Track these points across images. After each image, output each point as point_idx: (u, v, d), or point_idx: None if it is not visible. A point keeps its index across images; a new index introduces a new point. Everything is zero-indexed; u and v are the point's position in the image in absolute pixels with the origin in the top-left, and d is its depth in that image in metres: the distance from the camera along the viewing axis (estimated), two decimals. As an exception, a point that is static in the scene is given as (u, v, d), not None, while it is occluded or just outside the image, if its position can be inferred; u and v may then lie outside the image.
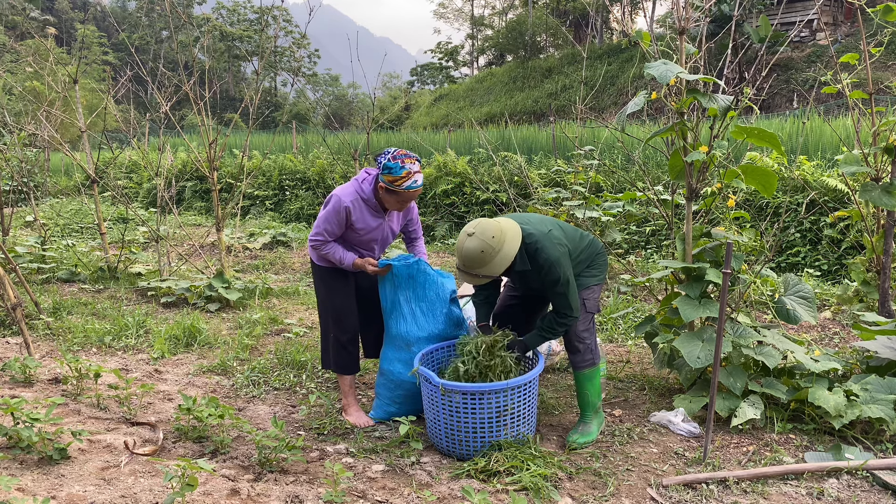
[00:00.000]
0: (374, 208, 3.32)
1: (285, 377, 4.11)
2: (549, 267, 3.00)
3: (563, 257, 3.04)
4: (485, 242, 2.92)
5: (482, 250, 2.92)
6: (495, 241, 2.92)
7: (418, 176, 3.19)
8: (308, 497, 2.52)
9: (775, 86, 22.95)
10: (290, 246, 9.01)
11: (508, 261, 2.95)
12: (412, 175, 3.16)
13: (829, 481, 2.79)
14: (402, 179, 3.14)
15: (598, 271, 3.33)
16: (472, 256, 2.93)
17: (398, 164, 3.13)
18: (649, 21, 36.34)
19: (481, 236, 2.93)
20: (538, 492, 2.65)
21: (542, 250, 3.00)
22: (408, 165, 3.14)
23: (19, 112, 14.24)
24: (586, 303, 3.26)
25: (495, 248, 2.92)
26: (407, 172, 3.14)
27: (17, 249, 7.00)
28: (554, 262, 2.99)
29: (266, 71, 43.11)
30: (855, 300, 5.11)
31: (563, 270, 3.02)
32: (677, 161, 3.53)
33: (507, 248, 2.95)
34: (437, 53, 53.43)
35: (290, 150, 15.07)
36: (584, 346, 3.24)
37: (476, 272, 2.97)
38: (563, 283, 3.03)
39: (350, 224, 3.31)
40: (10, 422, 2.90)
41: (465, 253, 2.95)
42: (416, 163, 3.18)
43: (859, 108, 4.77)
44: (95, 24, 54.42)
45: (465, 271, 3.00)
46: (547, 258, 3.00)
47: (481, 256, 2.92)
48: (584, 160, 7.16)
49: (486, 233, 2.93)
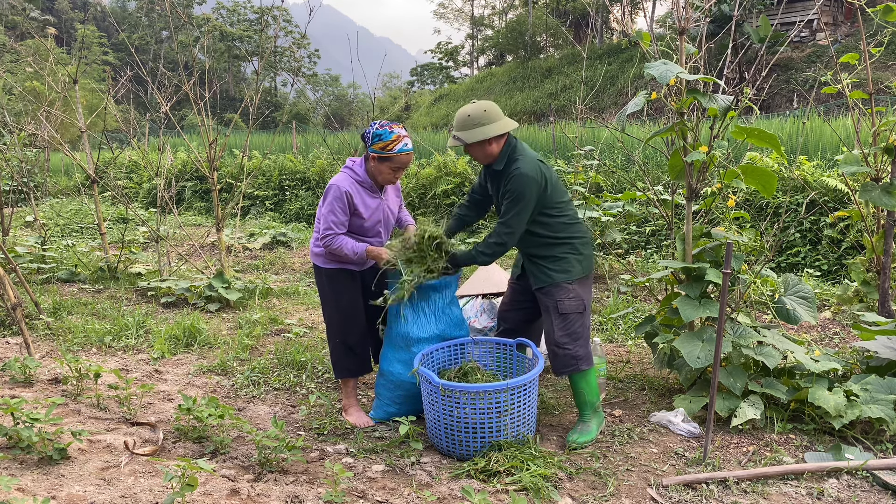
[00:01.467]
0: (370, 188, 3.33)
1: (285, 377, 4.11)
2: (515, 176, 3.07)
3: (533, 180, 3.07)
4: (475, 109, 3.11)
5: (469, 114, 3.11)
6: (485, 115, 3.09)
7: (407, 140, 3.24)
8: (308, 497, 2.52)
9: (775, 86, 22.95)
10: (290, 246, 9.01)
11: (483, 136, 3.07)
12: (402, 138, 3.21)
13: (829, 481, 2.79)
14: (393, 143, 3.19)
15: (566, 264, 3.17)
16: (461, 117, 3.14)
17: (387, 130, 3.19)
18: (649, 21, 36.35)
19: (478, 106, 3.12)
20: (538, 492, 2.65)
21: (521, 161, 3.11)
22: (396, 130, 3.20)
23: (19, 112, 14.23)
24: (558, 305, 3.14)
25: (481, 119, 3.09)
26: (397, 136, 3.19)
27: (17, 249, 7.01)
28: (523, 174, 3.06)
29: (266, 71, 43.12)
30: (855, 300, 5.11)
31: (525, 186, 3.05)
32: (677, 161, 3.53)
33: (491, 126, 3.09)
34: (437, 53, 53.43)
35: (290, 150, 15.07)
36: (562, 352, 3.16)
37: (456, 134, 3.14)
38: (518, 199, 3.05)
39: (354, 210, 3.28)
40: (10, 422, 2.90)
41: (458, 114, 3.16)
42: (401, 126, 3.25)
43: (859, 108, 4.77)
44: (95, 24, 54.41)
45: (453, 134, 3.18)
46: (518, 168, 3.08)
47: (467, 120, 3.11)
48: (584, 160, 7.16)
49: (482, 105, 3.12)
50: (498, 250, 3.16)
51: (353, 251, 3.28)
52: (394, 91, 59.47)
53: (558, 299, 3.16)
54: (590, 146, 7.70)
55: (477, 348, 3.52)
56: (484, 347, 3.55)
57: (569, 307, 3.16)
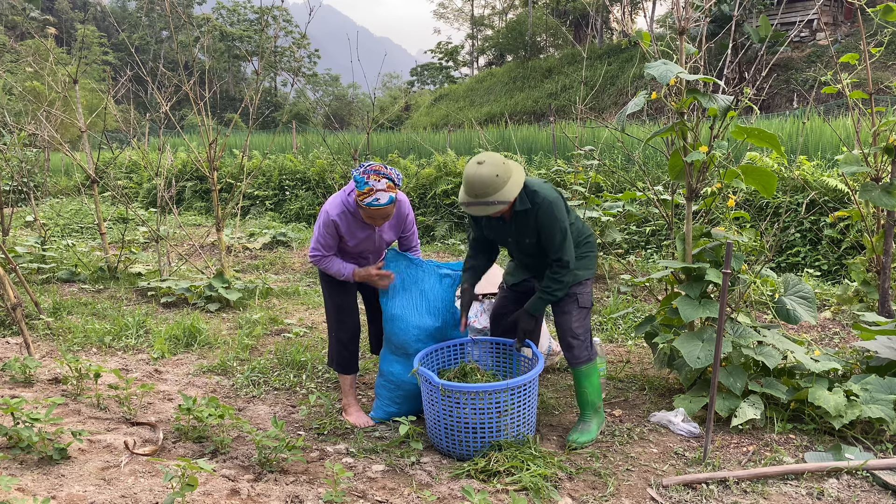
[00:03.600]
0: (361, 220, 3.31)
1: (285, 377, 4.11)
2: (546, 206, 3.05)
3: (559, 201, 3.10)
4: (497, 167, 2.97)
5: (497, 174, 2.95)
6: (506, 167, 2.99)
7: (381, 194, 3.08)
8: (308, 497, 2.52)
9: (775, 86, 22.95)
10: (290, 246, 9.01)
11: (518, 186, 3.00)
12: (374, 192, 3.07)
13: (829, 481, 2.79)
14: (364, 195, 3.08)
15: (588, 262, 3.33)
16: (487, 181, 2.94)
17: (363, 180, 3.07)
18: (649, 21, 36.35)
19: (492, 162, 2.98)
20: (538, 492, 2.65)
21: (540, 191, 3.09)
22: (371, 182, 3.06)
23: (19, 112, 14.24)
24: (579, 299, 3.27)
25: (507, 173, 2.98)
26: (369, 189, 3.06)
27: (17, 249, 7.00)
28: (552, 201, 3.06)
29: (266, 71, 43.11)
30: (855, 300, 5.11)
31: (557, 211, 3.06)
32: (677, 161, 3.53)
33: (516, 175, 3.01)
34: (437, 53, 53.42)
35: (290, 150, 15.07)
36: (577, 343, 3.24)
37: (492, 199, 2.96)
38: (557, 226, 3.06)
39: (340, 236, 3.32)
40: (10, 422, 2.90)
41: (479, 179, 2.94)
42: (382, 180, 3.08)
43: (859, 108, 4.77)
44: (95, 24, 54.42)
45: (479, 201, 2.98)
46: (545, 197, 3.06)
47: (496, 181, 2.94)
48: (584, 160, 7.16)
49: (495, 159, 3.00)
50: (568, 278, 3.16)
51: (339, 272, 3.36)
52: (394, 91, 59.44)
53: (579, 293, 3.27)
54: (590, 146, 7.70)
55: (477, 348, 3.52)
56: (484, 347, 3.55)
57: (586, 302, 3.29)
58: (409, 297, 3.43)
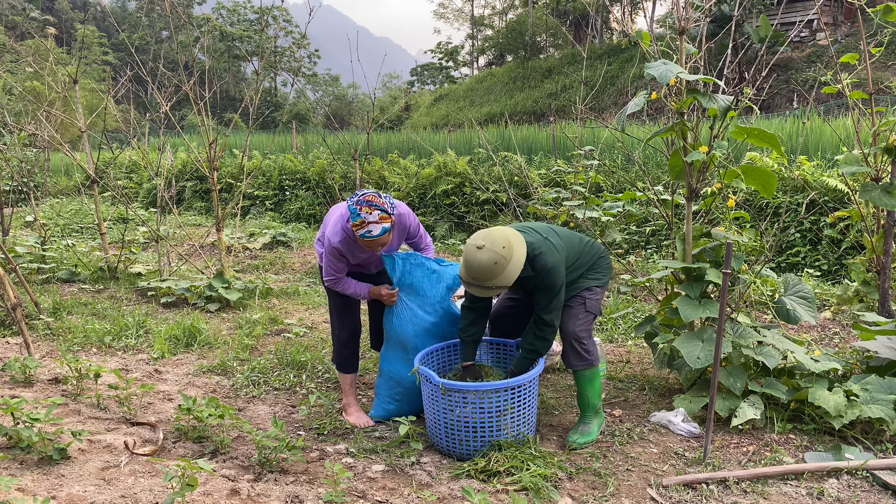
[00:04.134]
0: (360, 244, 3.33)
1: (285, 377, 4.11)
2: (545, 272, 3.05)
3: (559, 265, 3.08)
4: (497, 253, 2.91)
5: (495, 262, 2.91)
6: (506, 252, 2.93)
7: (374, 226, 3.06)
8: (308, 497, 2.52)
9: (775, 86, 22.94)
10: (290, 246, 9.01)
11: (518, 269, 2.96)
12: (366, 224, 3.06)
13: (829, 481, 2.79)
14: (357, 227, 3.08)
15: (601, 274, 3.35)
16: (486, 269, 2.91)
17: (356, 211, 3.06)
18: (649, 21, 36.35)
19: (492, 248, 2.92)
20: (538, 492, 2.65)
21: (542, 256, 3.05)
22: (363, 214, 3.04)
23: (19, 112, 14.24)
24: (587, 302, 3.26)
25: (507, 258, 2.93)
26: (361, 221, 3.06)
27: (17, 249, 7.00)
28: (552, 267, 3.05)
29: (266, 71, 43.11)
30: (855, 300, 5.10)
31: (557, 276, 3.06)
32: (677, 161, 3.53)
33: (517, 257, 2.97)
34: (437, 53, 53.41)
35: (290, 150, 15.07)
36: (581, 347, 3.22)
37: (489, 284, 2.96)
38: (554, 289, 3.07)
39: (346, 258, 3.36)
40: (10, 422, 2.90)
41: (478, 266, 2.92)
42: (374, 212, 3.05)
43: (859, 108, 4.77)
44: (95, 24, 54.42)
45: (477, 284, 2.98)
46: (544, 264, 3.04)
47: (494, 268, 2.91)
48: (584, 160, 7.16)
49: (496, 244, 2.93)
50: (551, 334, 3.17)
51: (357, 294, 3.45)
52: (394, 91, 59.43)
53: (587, 297, 3.28)
54: (590, 146, 7.69)
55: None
56: (483, 348, 3.55)
57: (592, 307, 3.29)
58: (405, 292, 3.45)
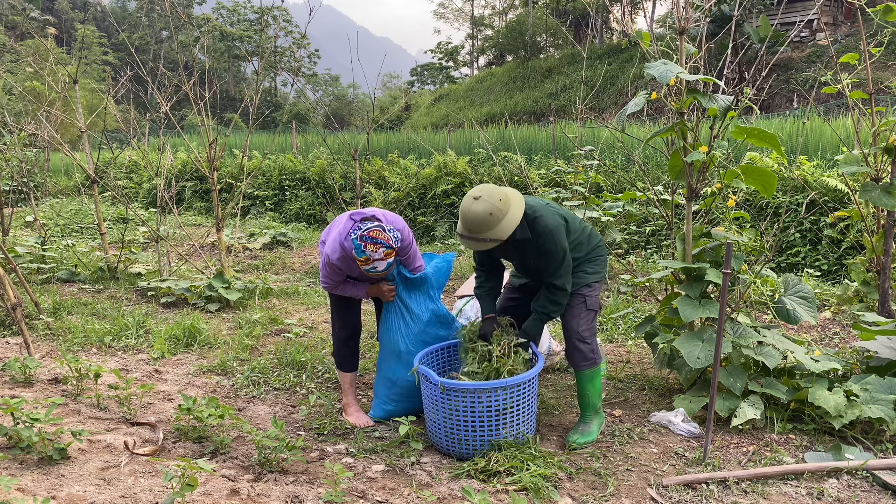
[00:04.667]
0: None
1: (285, 377, 4.11)
2: (545, 235, 3.03)
3: (560, 228, 3.08)
4: (492, 205, 2.91)
5: (490, 212, 2.91)
6: (502, 204, 2.93)
7: (379, 263, 3.07)
8: (308, 497, 2.52)
9: (775, 86, 22.95)
10: (290, 246, 9.01)
11: (514, 224, 2.96)
12: (371, 261, 3.06)
13: (829, 481, 2.79)
14: (361, 262, 3.09)
15: (598, 267, 3.33)
16: (481, 219, 2.91)
17: (360, 247, 3.05)
18: (649, 21, 36.35)
19: (488, 199, 2.92)
20: (538, 492, 2.65)
21: (541, 218, 3.05)
22: (368, 251, 3.04)
23: (19, 112, 14.24)
24: (587, 300, 3.26)
25: (503, 210, 2.93)
26: (366, 258, 3.06)
27: (17, 249, 7.00)
28: (552, 229, 3.04)
29: (266, 71, 43.10)
30: (855, 300, 5.10)
31: (559, 240, 3.05)
32: (677, 161, 3.53)
33: (513, 211, 2.97)
34: (437, 53, 53.42)
35: (290, 150, 15.07)
36: (585, 346, 3.23)
37: (484, 236, 2.94)
38: (558, 254, 3.05)
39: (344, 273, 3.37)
40: (10, 422, 2.90)
41: (473, 216, 2.92)
42: (379, 250, 3.04)
43: (859, 108, 4.77)
44: (95, 24, 54.42)
45: (472, 236, 2.97)
46: (545, 226, 3.04)
47: (490, 219, 2.91)
48: (584, 160, 7.16)
49: (492, 196, 2.94)
50: (563, 298, 3.16)
51: (355, 295, 3.48)
52: (394, 91, 59.43)
53: (587, 295, 3.26)
54: (590, 146, 7.69)
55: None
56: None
57: (593, 304, 3.28)
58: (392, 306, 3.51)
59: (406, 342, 3.43)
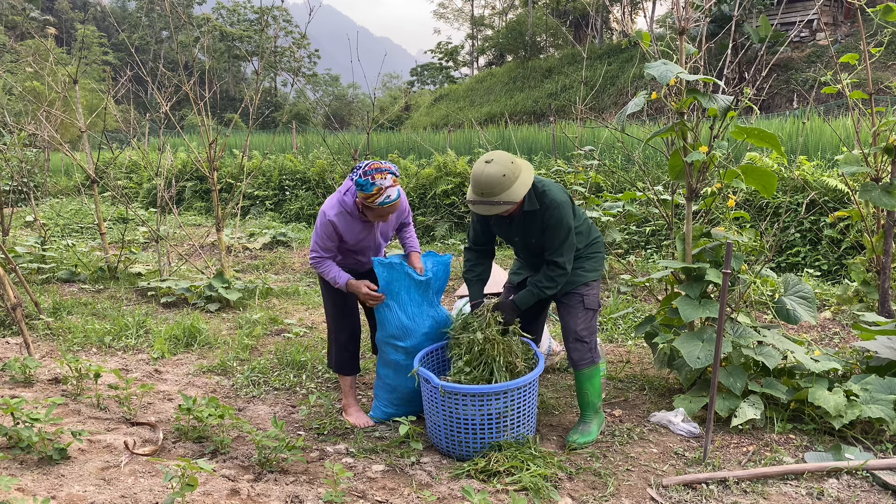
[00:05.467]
0: (359, 219, 3.32)
1: (285, 377, 4.11)
2: (553, 208, 3.05)
3: (567, 204, 3.10)
4: (505, 166, 2.95)
5: (503, 174, 2.93)
6: (514, 167, 2.97)
7: (391, 190, 3.11)
8: (308, 497, 2.52)
9: (775, 86, 22.95)
10: (290, 246, 9.01)
11: (526, 187, 2.98)
12: (384, 191, 3.09)
13: (829, 481, 2.79)
14: (374, 196, 3.10)
15: (596, 264, 3.33)
16: (494, 181, 2.93)
17: (368, 181, 3.08)
18: (649, 21, 36.35)
19: (500, 161, 2.97)
20: (538, 492, 2.65)
21: (550, 192, 3.09)
22: (378, 181, 3.08)
23: (19, 112, 14.24)
24: (584, 300, 3.26)
25: (515, 173, 2.96)
26: (378, 189, 3.08)
27: (17, 249, 7.00)
28: (560, 203, 3.06)
29: (266, 71, 43.09)
30: (855, 300, 5.10)
31: (565, 215, 3.06)
32: (677, 161, 3.53)
33: (525, 175, 3.00)
34: (437, 53, 53.41)
35: (290, 150, 15.07)
36: (583, 345, 3.23)
37: (497, 198, 2.95)
38: (562, 229, 3.06)
39: (339, 235, 3.32)
40: (10, 422, 2.90)
41: (486, 178, 2.93)
42: (387, 176, 3.10)
43: (859, 109, 4.77)
44: (95, 24, 54.43)
45: (484, 200, 2.98)
46: (553, 199, 3.06)
47: (503, 181, 2.93)
48: (584, 160, 7.17)
49: (504, 159, 2.98)
50: (561, 279, 3.15)
51: (334, 280, 3.35)
52: (394, 91, 59.43)
53: (585, 294, 3.26)
54: (590, 146, 7.69)
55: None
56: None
57: (592, 303, 3.28)
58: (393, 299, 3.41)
59: (405, 355, 3.37)
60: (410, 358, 3.34)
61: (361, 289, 3.32)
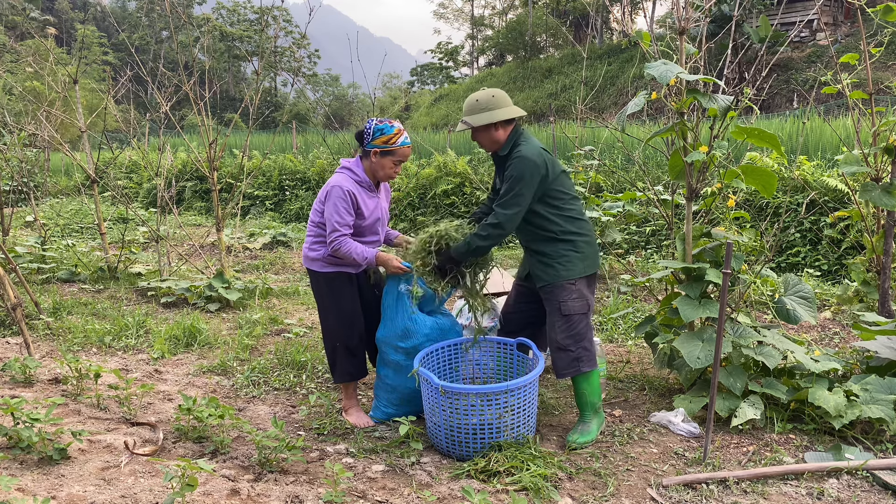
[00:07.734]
0: (368, 188, 3.38)
1: (285, 377, 4.11)
2: (516, 158, 3.11)
3: (536, 166, 3.08)
4: (484, 94, 3.20)
5: (478, 100, 3.20)
6: (493, 101, 3.17)
7: (405, 134, 3.35)
8: (308, 497, 2.52)
9: (775, 86, 22.94)
10: (290, 246, 9.01)
11: (490, 120, 3.13)
12: (402, 132, 3.31)
13: (829, 481, 2.79)
14: (396, 136, 3.28)
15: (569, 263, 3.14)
16: (470, 102, 3.23)
17: (387, 125, 3.29)
18: (649, 21, 36.35)
19: (486, 91, 3.21)
20: (538, 492, 2.65)
21: (525, 146, 3.16)
22: (396, 124, 3.31)
23: (19, 112, 14.23)
24: (561, 306, 3.13)
25: (489, 104, 3.16)
26: (398, 129, 3.30)
27: (17, 249, 7.00)
28: (524, 156, 3.09)
29: (266, 71, 43.08)
30: (855, 300, 5.10)
31: (525, 173, 3.05)
32: (677, 161, 3.53)
33: (499, 112, 3.15)
34: (437, 53, 53.38)
35: (290, 150, 15.07)
36: (566, 354, 3.16)
37: (464, 118, 3.22)
38: (516, 184, 3.04)
39: (357, 209, 3.28)
40: (10, 422, 2.90)
41: (468, 99, 3.24)
42: (395, 121, 3.35)
43: (859, 109, 4.77)
44: (95, 24, 54.42)
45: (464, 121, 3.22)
46: (520, 151, 3.13)
47: (474, 104, 3.20)
48: (584, 160, 7.17)
49: (491, 91, 3.21)
50: (494, 233, 3.08)
51: (363, 256, 3.25)
52: (394, 91, 59.42)
53: (562, 300, 3.14)
54: (590, 146, 7.70)
55: (477, 349, 3.52)
56: (484, 348, 3.55)
57: (572, 308, 3.14)
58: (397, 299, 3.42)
59: (405, 355, 3.37)
60: (410, 358, 3.34)
61: (392, 261, 3.28)
